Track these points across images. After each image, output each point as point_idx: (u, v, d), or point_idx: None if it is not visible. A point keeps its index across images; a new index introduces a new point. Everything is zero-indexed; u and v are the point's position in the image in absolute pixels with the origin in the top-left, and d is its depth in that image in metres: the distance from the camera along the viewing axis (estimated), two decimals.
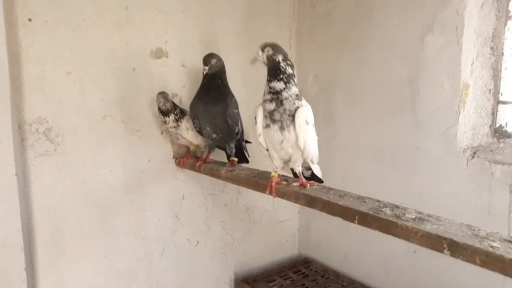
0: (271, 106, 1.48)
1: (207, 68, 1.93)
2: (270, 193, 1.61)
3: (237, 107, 2.03)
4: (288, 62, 1.50)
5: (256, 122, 1.55)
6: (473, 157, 1.90)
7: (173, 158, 2.35)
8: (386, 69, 2.23)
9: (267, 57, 1.49)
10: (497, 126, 1.96)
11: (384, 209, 1.25)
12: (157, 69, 2.25)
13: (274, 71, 1.48)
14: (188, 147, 2.32)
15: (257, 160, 2.15)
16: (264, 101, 1.51)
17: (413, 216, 1.18)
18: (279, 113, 1.47)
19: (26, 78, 1.90)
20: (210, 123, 1.99)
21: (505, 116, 1.95)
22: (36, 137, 1.95)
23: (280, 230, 2.88)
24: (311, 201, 1.44)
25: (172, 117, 2.09)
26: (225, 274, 2.66)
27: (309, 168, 1.69)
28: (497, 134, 1.96)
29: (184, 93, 2.33)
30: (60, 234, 2.06)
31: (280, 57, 1.49)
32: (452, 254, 1.01)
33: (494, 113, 1.95)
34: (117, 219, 2.21)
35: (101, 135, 2.12)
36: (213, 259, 2.60)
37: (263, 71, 2.60)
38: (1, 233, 1.75)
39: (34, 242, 1.99)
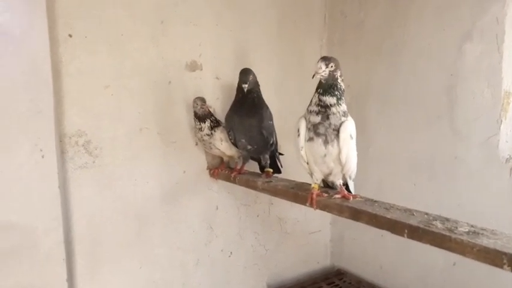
0: (317, 119, 1.46)
1: (246, 85, 1.92)
2: (311, 205, 1.60)
3: (271, 119, 2.03)
4: (343, 78, 1.50)
5: (299, 135, 1.54)
6: None
7: (207, 169, 2.37)
8: (421, 78, 2.20)
9: (329, 73, 1.44)
10: None
11: (434, 222, 1.22)
12: (192, 82, 2.27)
13: (331, 87, 1.45)
14: (222, 158, 2.33)
15: (289, 171, 2.15)
16: (309, 112, 1.50)
17: (467, 230, 1.15)
18: (324, 126, 1.46)
19: (66, 92, 1.95)
20: (246, 135, 2.00)
21: None
22: (75, 150, 1.99)
23: (312, 241, 2.86)
24: (356, 214, 1.42)
25: (208, 123, 2.11)
26: (258, 285, 2.65)
27: (345, 183, 1.66)
28: None
29: (218, 105, 2.35)
30: (98, 246, 2.08)
31: (339, 73, 1.47)
32: None
33: None
34: (153, 231, 2.23)
35: (138, 147, 2.15)
36: (246, 270, 2.59)
37: (295, 82, 2.63)
38: (45, 245, 1.79)
39: (73, 253, 2.02)
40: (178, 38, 2.21)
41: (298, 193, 1.69)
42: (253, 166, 2.25)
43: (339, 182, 1.61)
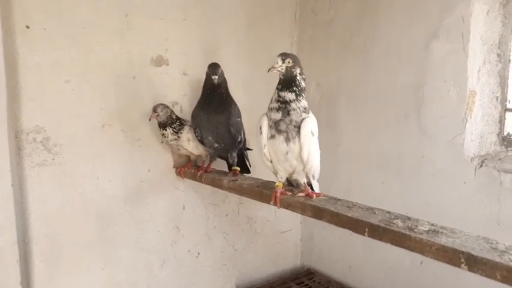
0: (278, 116, 1.44)
1: (216, 77, 1.88)
2: (275, 204, 1.56)
3: (240, 116, 1.99)
4: (303, 76, 1.49)
5: (261, 132, 1.50)
6: (481, 166, 1.86)
7: (173, 167, 2.31)
8: (390, 76, 2.20)
9: (286, 68, 1.45)
10: (505, 134, 1.92)
11: (395, 221, 1.20)
12: (157, 77, 2.21)
13: (289, 82, 1.45)
14: (189, 156, 2.27)
15: (259, 170, 2.11)
16: (270, 109, 1.48)
17: (427, 229, 1.13)
18: (285, 123, 1.44)
19: (24, 87, 1.86)
20: (213, 132, 1.95)
21: None
22: (33, 147, 1.90)
23: (282, 240, 2.83)
24: (318, 213, 1.39)
25: (169, 130, 2.05)
26: (226, 286, 2.60)
27: (309, 183, 1.61)
28: (505, 142, 1.92)
29: (185, 101, 2.29)
30: (58, 246, 2.00)
31: (298, 71, 1.47)
32: (470, 269, 0.96)
33: (501, 121, 1.92)
34: (116, 231, 2.16)
35: (100, 144, 2.07)
36: (214, 271, 2.54)
37: (264, 79, 2.58)
38: None
39: (31, 254, 1.93)
40: (143, 31, 2.14)
41: (263, 192, 1.65)
42: (222, 165, 2.21)
43: (302, 180, 1.58)
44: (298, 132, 1.43)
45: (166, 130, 2.06)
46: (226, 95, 1.93)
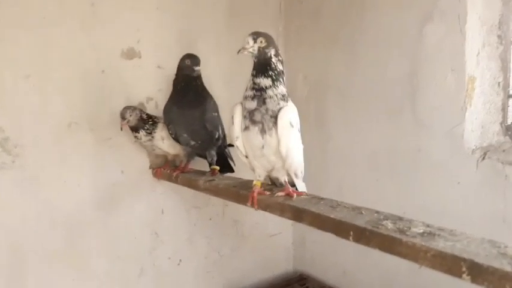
0: (253, 104, 1.27)
1: (199, 68, 1.74)
2: (252, 205, 1.39)
3: (216, 110, 1.82)
4: (280, 58, 1.32)
5: (233, 123, 1.34)
6: (483, 158, 1.68)
7: (150, 168, 2.13)
8: (381, 65, 2.02)
9: (259, 49, 1.27)
10: (509, 123, 1.75)
11: (384, 222, 1.03)
12: (129, 71, 2.03)
13: (264, 66, 1.28)
14: (166, 156, 2.10)
15: (245, 168, 1.93)
16: (245, 97, 1.31)
17: (421, 231, 0.96)
18: (260, 113, 1.26)
19: None
20: (187, 129, 1.78)
21: None
22: None
23: (272, 244, 2.64)
24: (298, 214, 1.22)
25: (142, 132, 1.88)
26: None
27: (293, 185, 1.43)
28: (509, 132, 1.75)
29: (160, 96, 2.11)
30: (21, 258, 1.82)
31: (272, 52, 1.29)
32: (474, 280, 0.79)
33: (504, 109, 1.75)
34: (87, 239, 1.98)
35: (67, 145, 1.90)
36: (198, 278, 2.35)
37: (247, 73, 2.42)
38: None
39: None
40: (112, 22, 1.97)
41: (239, 192, 1.48)
42: (205, 164, 2.03)
43: (283, 178, 1.40)
44: (275, 123, 1.26)
45: (139, 133, 1.89)
46: (202, 88, 1.76)
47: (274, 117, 1.25)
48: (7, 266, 1.79)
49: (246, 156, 1.39)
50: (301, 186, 1.44)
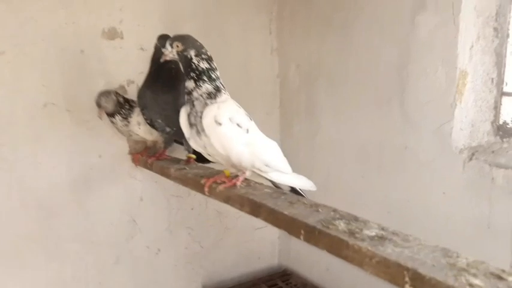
0: (188, 108, 1.30)
1: (171, 50, 1.63)
2: (209, 193, 1.33)
3: None
4: (203, 56, 1.28)
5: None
6: (471, 159, 1.58)
7: (129, 153, 2.07)
8: (373, 55, 1.92)
9: (178, 54, 1.29)
10: (501, 122, 1.63)
11: (337, 222, 0.95)
12: (110, 52, 1.97)
13: (186, 69, 1.29)
14: (145, 142, 2.04)
15: None
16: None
17: (373, 234, 0.87)
18: (193, 115, 1.27)
19: None
20: (161, 114, 1.71)
21: (510, 111, 1.62)
22: None
23: (257, 237, 2.58)
24: (255, 209, 1.15)
25: (118, 117, 1.83)
26: (191, 285, 2.37)
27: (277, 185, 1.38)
28: (500, 132, 1.64)
29: (141, 79, 2.00)
30: None
31: (192, 53, 1.28)
32: None
33: (497, 107, 1.63)
34: (61, 222, 1.95)
35: (42, 125, 1.86)
36: (177, 269, 2.31)
37: (238, 58, 2.34)
38: None
39: None
40: (93, 0, 1.90)
41: (201, 182, 1.40)
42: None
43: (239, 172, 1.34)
44: None
45: (114, 118, 1.83)
46: (176, 70, 1.68)
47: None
48: None
49: (208, 154, 1.33)
50: (283, 179, 1.35)
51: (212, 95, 1.25)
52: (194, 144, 1.33)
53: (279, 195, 1.19)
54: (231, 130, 1.21)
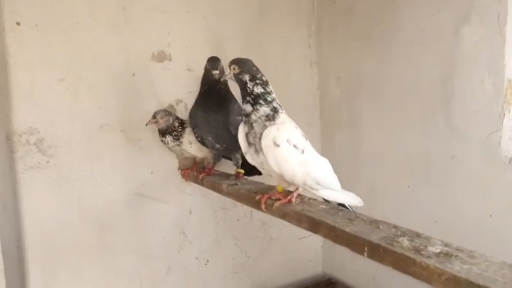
0: (246, 128, 1.34)
1: (217, 72, 1.72)
2: (266, 209, 1.39)
3: (240, 114, 1.80)
4: (257, 81, 1.33)
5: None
6: None
7: (179, 169, 2.16)
8: (415, 68, 1.94)
9: (234, 76, 1.35)
10: None
11: (400, 239, 0.98)
12: (159, 74, 2.07)
13: (242, 92, 1.35)
14: (194, 158, 2.12)
15: None
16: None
17: (438, 251, 0.91)
18: (251, 135, 1.33)
19: (15, 86, 1.79)
20: (211, 132, 1.79)
21: None
22: (26, 149, 1.83)
23: (301, 247, 2.62)
24: (314, 226, 1.19)
25: (169, 138, 1.92)
26: None
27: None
28: None
29: (190, 99, 2.12)
30: (54, 253, 1.92)
31: (247, 77, 1.33)
32: None
33: None
34: (117, 236, 2.05)
35: (98, 145, 1.97)
36: (225, 279, 2.37)
37: (279, 75, 2.40)
38: None
39: (25, 261, 1.86)
40: (143, 26, 2.02)
41: (257, 198, 1.46)
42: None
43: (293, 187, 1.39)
44: None
45: (165, 137, 1.93)
46: (226, 91, 1.76)
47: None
48: (41, 260, 1.88)
49: (263, 168, 1.38)
50: (332, 195, 1.40)
51: (270, 117, 1.29)
52: (251, 160, 1.38)
53: (336, 212, 1.23)
54: (288, 151, 1.26)
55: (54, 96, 1.85)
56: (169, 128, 1.90)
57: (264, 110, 1.30)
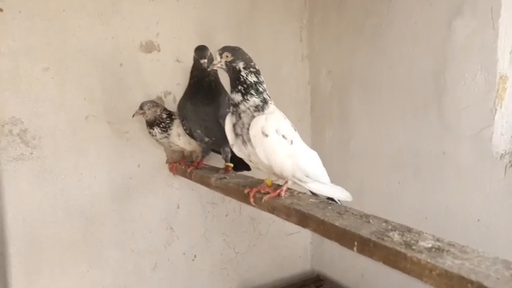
0: (233, 119, 1.30)
1: (205, 61, 1.67)
2: (254, 203, 1.37)
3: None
4: (251, 69, 1.29)
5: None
6: None
7: (166, 162, 2.12)
8: (407, 61, 1.92)
9: (226, 64, 1.29)
10: None
11: (391, 233, 0.96)
12: (147, 65, 2.03)
13: (234, 81, 1.29)
14: (183, 151, 2.08)
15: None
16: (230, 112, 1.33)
17: (429, 245, 0.88)
18: (239, 126, 1.29)
19: None
20: (201, 125, 1.75)
21: None
22: (9, 140, 1.77)
23: (290, 243, 2.59)
24: (303, 219, 1.17)
25: (157, 129, 1.88)
26: None
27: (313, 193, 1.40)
28: None
29: (178, 91, 2.09)
30: (38, 247, 1.87)
31: (241, 65, 1.29)
32: None
33: None
34: (102, 231, 2.00)
35: (84, 137, 1.92)
36: (213, 275, 2.34)
37: (270, 67, 2.36)
38: None
39: (7, 255, 1.81)
40: (131, 15, 1.97)
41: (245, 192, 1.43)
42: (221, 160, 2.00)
43: (282, 181, 1.36)
44: None
45: (153, 129, 1.88)
46: (216, 83, 1.72)
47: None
48: (24, 254, 1.84)
49: (250, 161, 1.35)
50: (321, 189, 1.38)
51: (259, 108, 1.26)
52: (238, 151, 1.35)
53: (325, 206, 1.20)
54: (277, 141, 1.23)
55: (39, 85, 1.80)
56: (157, 120, 1.86)
57: (254, 100, 1.26)
